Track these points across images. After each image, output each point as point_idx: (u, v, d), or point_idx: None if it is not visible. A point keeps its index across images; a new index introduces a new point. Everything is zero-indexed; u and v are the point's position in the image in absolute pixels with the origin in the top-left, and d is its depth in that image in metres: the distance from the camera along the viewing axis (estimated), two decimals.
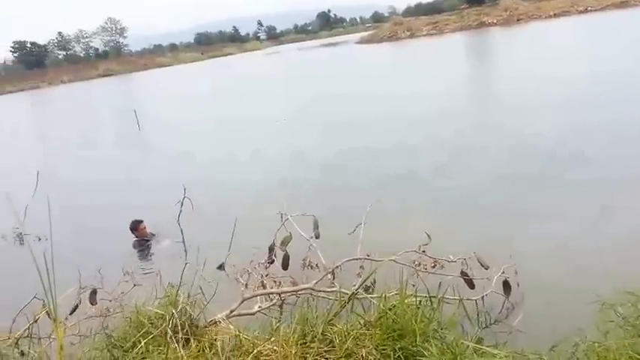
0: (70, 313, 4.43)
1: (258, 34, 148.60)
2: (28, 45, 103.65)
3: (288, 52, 75.35)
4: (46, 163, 16.19)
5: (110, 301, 4.56)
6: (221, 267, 6.26)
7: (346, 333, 2.92)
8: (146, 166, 13.47)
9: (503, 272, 4.53)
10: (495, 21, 51.61)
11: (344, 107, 16.67)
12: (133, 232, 7.64)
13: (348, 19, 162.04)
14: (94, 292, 4.87)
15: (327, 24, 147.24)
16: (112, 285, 4.64)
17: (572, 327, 3.12)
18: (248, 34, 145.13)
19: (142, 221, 7.65)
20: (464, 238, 5.70)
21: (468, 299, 4.25)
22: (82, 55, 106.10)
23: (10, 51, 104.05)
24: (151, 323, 2.96)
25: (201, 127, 18.42)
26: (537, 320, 4.07)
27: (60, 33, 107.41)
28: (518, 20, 50.11)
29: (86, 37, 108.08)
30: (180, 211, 3.97)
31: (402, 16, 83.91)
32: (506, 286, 4.55)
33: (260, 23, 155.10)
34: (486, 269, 4.67)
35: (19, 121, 32.95)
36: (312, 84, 26.54)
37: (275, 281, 5.08)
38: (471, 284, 4.70)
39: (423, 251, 4.61)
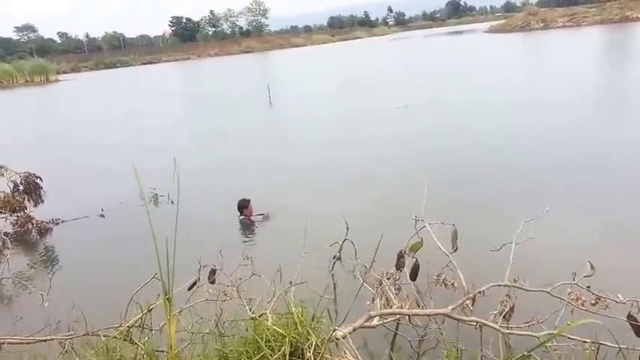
0: (189, 289, 4.05)
1: (387, 20, 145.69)
2: (184, 20, 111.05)
3: (414, 38, 72.46)
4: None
5: (228, 286, 4.12)
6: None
7: None
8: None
9: None
10: None
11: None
12: (241, 211, 7.23)
13: (477, 8, 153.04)
14: (212, 272, 4.48)
15: (456, 12, 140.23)
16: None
17: None
18: (377, 19, 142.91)
19: (249, 200, 7.26)
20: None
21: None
22: (228, 32, 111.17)
23: (169, 25, 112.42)
24: (268, 343, 2.33)
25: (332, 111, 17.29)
26: None
27: (211, 11, 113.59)
28: None
29: (233, 16, 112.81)
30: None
31: (536, 6, 76.90)
32: None
33: (390, 9, 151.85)
34: None
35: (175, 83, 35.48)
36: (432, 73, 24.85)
37: (397, 288, 4.34)
38: (638, 330, 3.63)
39: (588, 286, 3.54)
